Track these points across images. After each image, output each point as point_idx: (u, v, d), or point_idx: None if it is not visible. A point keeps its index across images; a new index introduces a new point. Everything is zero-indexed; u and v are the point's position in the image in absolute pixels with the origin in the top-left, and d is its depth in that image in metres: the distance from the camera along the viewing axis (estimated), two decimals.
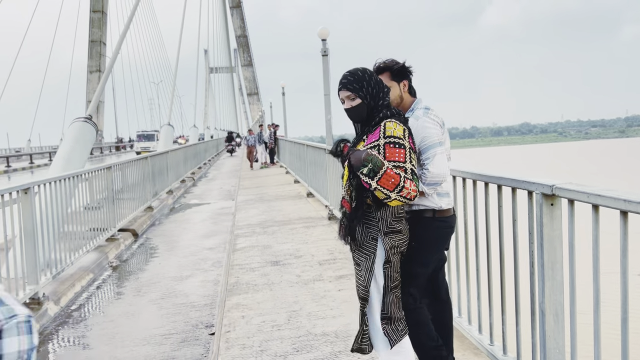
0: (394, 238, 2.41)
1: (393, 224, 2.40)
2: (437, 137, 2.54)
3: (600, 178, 34.71)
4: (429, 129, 2.54)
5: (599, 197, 1.98)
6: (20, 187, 4.79)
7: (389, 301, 2.44)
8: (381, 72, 2.69)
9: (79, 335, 4.46)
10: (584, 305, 2.31)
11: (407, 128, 2.43)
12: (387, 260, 2.41)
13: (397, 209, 2.43)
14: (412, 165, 2.34)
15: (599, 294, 2.06)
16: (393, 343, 2.44)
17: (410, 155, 2.35)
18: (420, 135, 2.53)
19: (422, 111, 2.63)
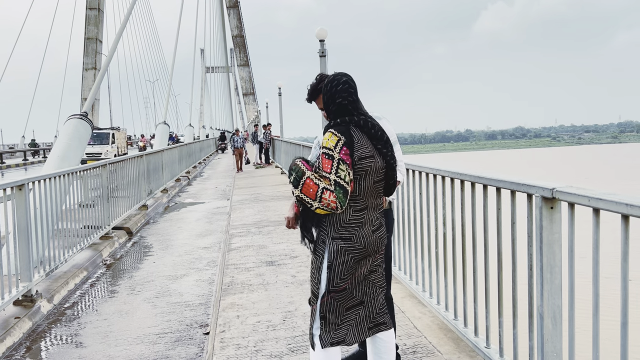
0: (340, 244, 2.38)
1: (340, 230, 2.38)
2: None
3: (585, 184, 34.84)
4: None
5: (600, 200, 1.97)
6: (15, 184, 4.75)
7: (327, 302, 2.42)
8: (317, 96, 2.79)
9: (72, 334, 4.42)
10: (583, 309, 2.31)
11: (347, 138, 2.35)
12: (329, 265, 2.39)
13: (347, 217, 2.38)
14: (336, 177, 2.31)
15: (598, 298, 2.05)
16: (322, 345, 2.41)
17: (337, 166, 2.32)
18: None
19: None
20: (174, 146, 18.35)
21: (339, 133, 2.36)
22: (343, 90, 2.46)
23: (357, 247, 2.38)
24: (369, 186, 2.40)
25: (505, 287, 2.81)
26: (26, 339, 4.31)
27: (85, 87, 43.39)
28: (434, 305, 3.80)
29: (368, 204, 2.41)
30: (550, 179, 2.76)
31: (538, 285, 2.44)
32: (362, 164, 2.36)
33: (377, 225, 2.46)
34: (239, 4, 60.31)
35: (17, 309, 4.66)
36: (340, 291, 2.41)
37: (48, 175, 5.65)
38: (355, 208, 2.38)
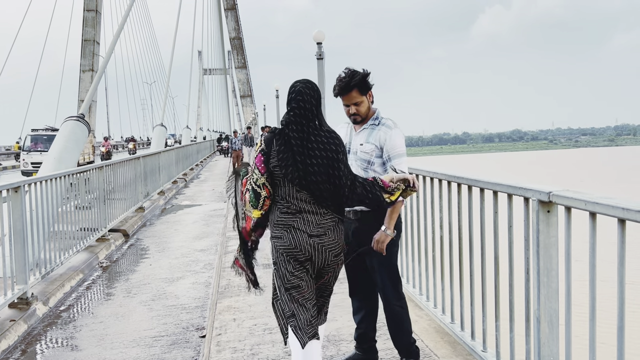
0: (275, 243, 2.55)
1: (273, 229, 2.57)
2: (404, 148, 2.89)
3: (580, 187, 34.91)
4: (401, 140, 2.87)
5: (596, 204, 1.97)
6: (11, 186, 4.74)
7: (279, 298, 2.61)
8: (351, 90, 2.82)
9: (67, 336, 4.40)
10: (580, 312, 2.31)
11: (266, 147, 2.51)
12: (274, 262, 2.59)
13: (275, 217, 2.56)
14: (251, 182, 2.56)
15: (595, 302, 2.05)
16: (303, 344, 2.51)
17: (253, 170, 2.58)
18: (392, 142, 2.82)
19: (391, 122, 2.90)
20: (171, 148, 18.33)
21: (263, 141, 2.56)
22: (293, 100, 2.55)
23: (289, 247, 2.49)
24: (293, 193, 2.49)
25: (502, 290, 2.81)
26: (21, 341, 4.29)
27: (82, 89, 43.28)
28: (430, 309, 3.79)
29: (301, 209, 2.50)
30: (548, 181, 2.76)
31: (535, 289, 2.44)
32: (276, 172, 2.50)
33: (318, 232, 2.50)
34: (237, 6, 60.34)
35: (13, 311, 4.64)
36: (284, 289, 2.53)
37: (44, 177, 5.64)
38: (281, 210, 2.52)
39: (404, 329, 3.01)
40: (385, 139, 2.84)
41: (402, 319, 3.00)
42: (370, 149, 2.87)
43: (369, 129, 2.91)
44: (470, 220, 3.17)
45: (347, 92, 2.83)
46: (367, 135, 2.90)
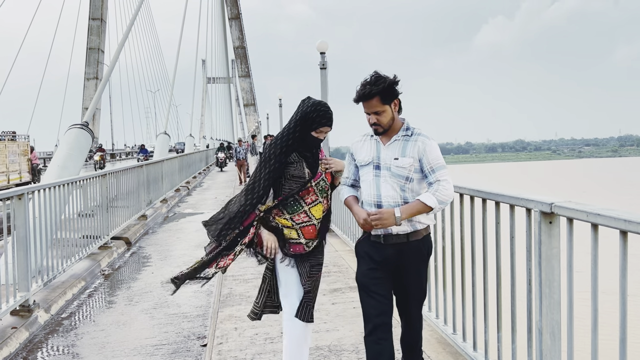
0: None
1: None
2: (444, 160, 2.68)
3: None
4: (439, 151, 2.66)
5: (598, 216, 1.97)
6: (15, 193, 4.75)
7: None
8: (371, 98, 2.58)
9: (69, 344, 4.40)
10: (582, 324, 2.30)
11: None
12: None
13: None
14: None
15: (597, 313, 2.05)
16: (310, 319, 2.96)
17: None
18: (434, 153, 2.62)
19: (423, 132, 2.70)
20: (174, 156, 18.37)
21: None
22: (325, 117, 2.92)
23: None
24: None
25: (504, 301, 2.80)
26: (23, 349, 4.28)
27: (86, 97, 43.58)
28: (432, 319, 3.78)
29: None
30: (552, 192, 2.77)
31: (537, 300, 2.44)
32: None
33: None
34: (241, 16, 60.74)
35: (15, 318, 4.64)
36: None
37: (48, 184, 5.66)
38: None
39: (419, 347, 2.85)
40: (424, 150, 2.59)
41: (420, 337, 2.84)
42: (408, 164, 2.59)
43: (401, 140, 2.63)
44: (472, 231, 3.17)
45: (368, 99, 2.58)
46: (402, 148, 2.62)
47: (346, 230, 6.89)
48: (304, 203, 2.86)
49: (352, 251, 6.30)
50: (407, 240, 2.62)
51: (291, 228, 2.86)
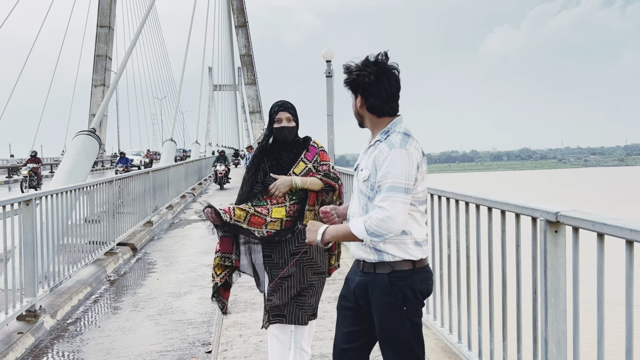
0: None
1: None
2: (405, 180, 1.99)
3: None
4: (403, 165, 2.00)
5: (604, 225, 1.97)
6: (22, 199, 4.79)
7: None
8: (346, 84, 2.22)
9: (74, 350, 4.41)
10: (588, 334, 2.29)
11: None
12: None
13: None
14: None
15: (602, 323, 2.04)
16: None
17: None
18: (385, 168, 2.01)
19: (399, 137, 2.06)
20: (180, 163, 18.44)
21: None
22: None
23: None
24: None
25: (510, 310, 2.80)
26: (29, 354, 4.30)
27: (93, 104, 43.85)
28: (437, 327, 3.77)
29: None
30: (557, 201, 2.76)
31: (542, 310, 2.43)
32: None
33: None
34: (247, 24, 61.05)
35: (21, 324, 4.66)
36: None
37: (55, 190, 5.69)
38: None
39: None
40: (379, 161, 2.04)
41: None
42: (363, 177, 2.13)
43: (373, 146, 2.13)
44: (478, 239, 3.17)
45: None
46: (368, 157, 2.14)
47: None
48: (269, 201, 3.07)
49: None
50: (373, 270, 2.12)
51: (246, 211, 3.06)
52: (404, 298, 2.09)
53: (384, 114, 2.13)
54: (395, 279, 2.09)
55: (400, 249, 2.09)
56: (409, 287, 2.10)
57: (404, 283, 2.09)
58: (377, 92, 2.08)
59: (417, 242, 2.11)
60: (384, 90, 2.09)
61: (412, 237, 2.09)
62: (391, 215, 1.95)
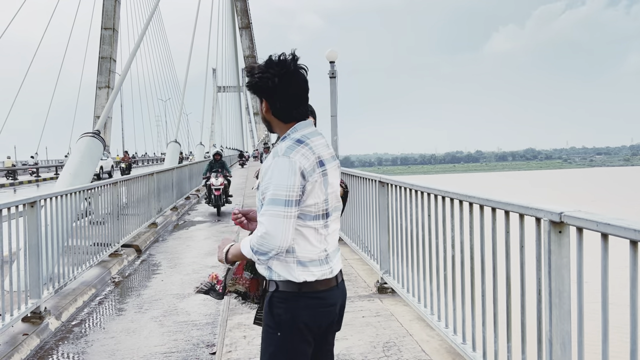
0: None
1: None
2: (285, 192, 1.81)
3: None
4: (286, 176, 1.82)
5: (608, 225, 1.96)
6: (27, 201, 4.81)
7: None
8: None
9: (79, 351, 4.42)
10: (593, 335, 2.28)
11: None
12: None
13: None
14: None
15: (607, 324, 2.03)
16: None
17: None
18: (268, 179, 1.86)
19: (287, 145, 1.88)
20: (184, 164, 18.48)
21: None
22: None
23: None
24: None
25: (514, 311, 2.79)
26: (34, 356, 4.31)
27: (98, 106, 44.00)
28: (442, 329, 3.76)
29: None
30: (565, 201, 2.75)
31: (547, 310, 2.42)
32: None
33: None
34: (251, 25, 61.19)
35: (26, 325, 4.68)
36: None
37: (59, 192, 5.71)
38: None
39: None
40: (263, 173, 1.89)
41: None
42: (256, 186, 1.99)
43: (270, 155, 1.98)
44: (482, 240, 3.16)
45: None
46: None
47: (355, 238, 6.89)
48: None
49: (361, 260, 6.30)
50: (267, 288, 1.97)
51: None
52: (279, 322, 1.89)
53: (291, 119, 1.95)
54: (277, 299, 1.90)
55: (284, 268, 1.89)
56: (289, 312, 1.88)
57: (284, 306, 1.88)
58: (282, 96, 1.92)
59: (300, 262, 1.87)
60: (290, 93, 1.92)
61: (295, 256, 1.87)
62: (268, 231, 1.79)
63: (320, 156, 1.89)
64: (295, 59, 1.94)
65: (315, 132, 1.97)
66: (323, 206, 1.90)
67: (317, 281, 1.89)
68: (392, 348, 3.74)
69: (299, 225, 1.86)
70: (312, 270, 1.89)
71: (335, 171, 1.98)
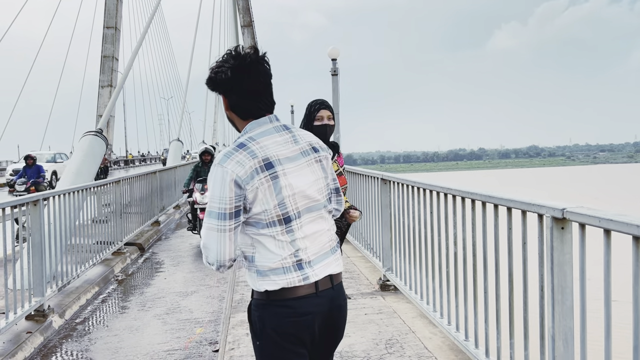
0: None
1: None
2: (218, 204, 1.71)
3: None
4: (218, 185, 1.72)
5: (611, 221, 1.96)
6: (30, 199, 4.82)
7: None
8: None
9: (82, 349, 4.44)
10: (595, 331, 2.28)
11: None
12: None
13: None
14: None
15: (610, 320, 2.03)
16: None
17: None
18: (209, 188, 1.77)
19: (228, 149, 1.77)
20: (187, 162, 18.49)
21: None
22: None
23: None
24: None
25: (517, 308, 2.78)
26: (37, 353, 4.33)
27: (101, 104, 44.04)
28: (444, 326, 3.76)
29: None
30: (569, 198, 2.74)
31: (549, 307, 2.42)
32: None
33: None
34: (253, 23, 61.17)
35: (29, 323, 4.69)
36: None
37: (62, 191, 5.73)
38: None
39: None
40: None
41: None
42: None
43: None
44: (484, 237, 3.16)
45: None
46: None
47: (358, 236, 6.89)
48: None
49: (364, 258, 6.30)
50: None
51: None
52: (255, 330, 1.84)
53: (248, 116, 1.82)
54: (252, 306, 1.85)
55: (249, 278, 1.84)
56: (261, 320, 1.80)
57: (257, 314, 1.82)
58: (238, 90, 1.79)
59: (259, 271, 1.77)
60: (244, 87, 1.79)
61: (254, 265, 1.79)
62: (204, 244, 1.76)
63: (267, 158, 1.73)
64: (256, 52, 1.82)
65: (269, 131, 1.79)
66: (276, 212, 1.73)
67: (283, 289, 1.75)
68: (394, 345, 3.74)
69: (253, 234, 1.77)
70: (273, 279, 1.76)
71: (302, 169, 1.79)
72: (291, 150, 1.79)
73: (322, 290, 1.81)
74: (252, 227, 1.76)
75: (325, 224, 1.87)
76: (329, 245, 1.87)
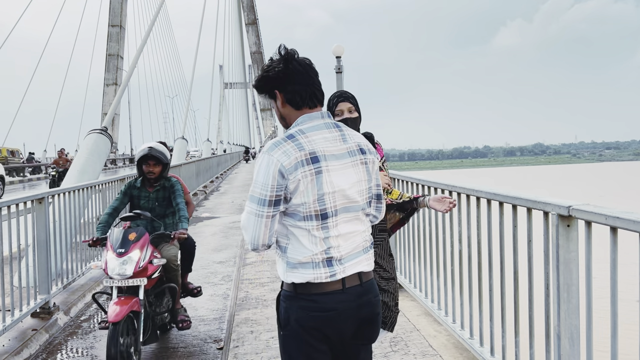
0: None
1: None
2: (260, 190, 1.79)
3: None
4: (260, 172, 1.80)
5: (617, 219, 1.94)
6: (35, 197, 4.83)
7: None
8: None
9: (87, 346, 4.45)
10: (602, 330, 2.27)
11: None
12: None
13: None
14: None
15: (616, 318, 2.01)
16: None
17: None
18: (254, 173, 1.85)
19: (276, 140, 1.84)
20: (192, 161, 18.52)
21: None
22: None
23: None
24: None
25: (522, 306, 2.77)
26: (42, 351, 4.34)
27: (106, 102, 44.21)
28: (449, 324, 3.75)
29: None
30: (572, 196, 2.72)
31: (555, 305, 2.40)
32: None
33: None
34: (258, 21, 61.20)
35: (35, 321, 4.71)
36: None
37: (67, 189, 5.74)
38: None
39: None
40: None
41: None
42: None
43: None
44: (489, 235, 3.15)
45: None
46: None
47: None
48: None
49: None
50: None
51: None
52: (280, 321, 1.90)
53: (303, 104, 1.87)
54: (281, 297, 1.91)
55: (279, 268, 1.89)
56: (287, 312, 1.85)
57: (284, 305, 1.87)
58: (291, 78, 1.86)
59: (289, 263, 1.81)
60: (299, 74, 1.86)
61: (286, 256, 1.83)
62: (243, 225, 1.83)
63: (314, 152, 1.77)
64: (296, 53, 1.91)
65: (319, 126, 1.84)
66: (315, 206, 1.76)
67: (309, 283, 1.79)
68: (399, 343, 3.73)
69: (290, 225, 1.81)
70: (301, 272, 1.80)
71: (346, 168, 1.82)
72: (338, 148, 1.83)
73: (349, 287, 1.82)
74: (290, 217, 1.80)
75: (361, 226, 1.88)
76: (362, 246, 1.88)
